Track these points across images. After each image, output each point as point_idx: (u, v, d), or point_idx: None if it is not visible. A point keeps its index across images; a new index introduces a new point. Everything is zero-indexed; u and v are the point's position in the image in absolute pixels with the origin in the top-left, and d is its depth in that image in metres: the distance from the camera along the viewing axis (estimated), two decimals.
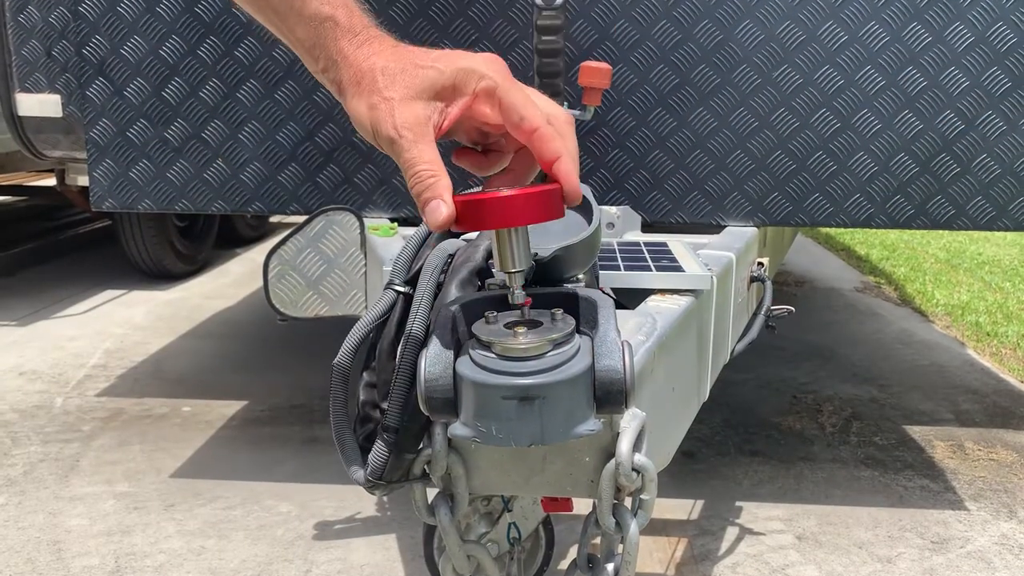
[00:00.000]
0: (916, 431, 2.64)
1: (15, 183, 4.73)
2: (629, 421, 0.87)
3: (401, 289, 0.97)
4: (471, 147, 0.78)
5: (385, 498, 2.15)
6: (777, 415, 2.74)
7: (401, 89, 0.68)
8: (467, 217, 0.65)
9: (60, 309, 3.89)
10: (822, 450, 2.49)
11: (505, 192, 0.65)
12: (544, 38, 1.32)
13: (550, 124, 0.70)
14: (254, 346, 3.43)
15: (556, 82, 1.39)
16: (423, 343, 0.83)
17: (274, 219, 5.81)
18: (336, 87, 0.74)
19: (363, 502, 2.13)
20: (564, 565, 1.78)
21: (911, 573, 1.87)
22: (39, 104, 2.40)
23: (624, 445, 0.84)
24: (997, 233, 6.36)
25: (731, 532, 2.03)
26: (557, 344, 0.68)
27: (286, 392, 2.86)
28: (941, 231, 6.35)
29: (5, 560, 1.87)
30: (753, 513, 2.12)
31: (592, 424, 0.67)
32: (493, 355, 0.67)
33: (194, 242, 4.62)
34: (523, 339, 0.66)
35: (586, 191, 0.89)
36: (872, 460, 2.42)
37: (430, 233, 1.04)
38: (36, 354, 3.20)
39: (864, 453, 2.47)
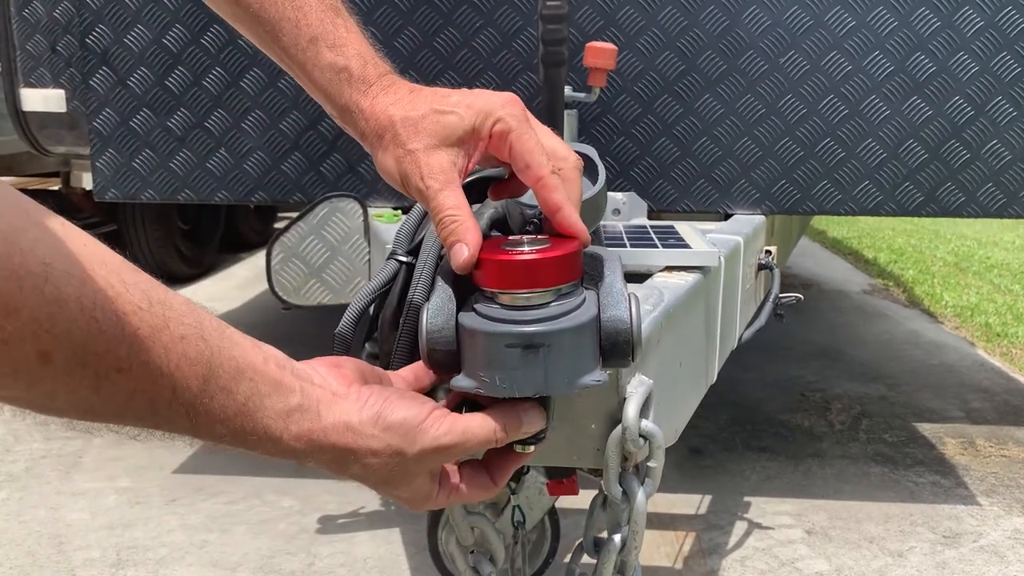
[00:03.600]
0: (926, 428, 2.61)
1: (20, 187, 4.75)
2: (636, 387, 0.85)
3: (403, 259, 0.95)
4: (500, 177, 0.79)
5: None
6: (785, 412, 2.71)
7: (424, 139, 0.69)
8: (490, 274, 0.66)
9: None
10: (831, 447, 2.46)
11: (528, 256, 0.65)
12: (549, 27, 1.30)
13: (556, 172, 0.70)
14: None
15: (560, 71, 1.37)
16: None
17: (279, 225, 5.81)
18: (358, 136, 0.75)
19: (366, 497, 2.11)
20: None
21: (923, 567, 1.84)
22: (43, 99, 2.39)
23: (631, 410, 0.82)
24: (1006, 237, 6.33)
25: (739, 526, 2.01)
26: (561, 295, 0.66)
27: None
28: (949, 237, 6.33)
29: (6, 553, 1.85)
30: (761, 508, 2.09)
31: (597, 375, 0.65)
32: (497, 305, 0.65)
33: (198, 245, 4.61)
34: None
35: (591, 153, 0.87)
36: (882, 456, 2.39)
37: None
38: None
39: (874, 450, 2.44)
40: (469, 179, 0.94)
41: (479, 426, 0.65)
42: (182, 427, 0.53)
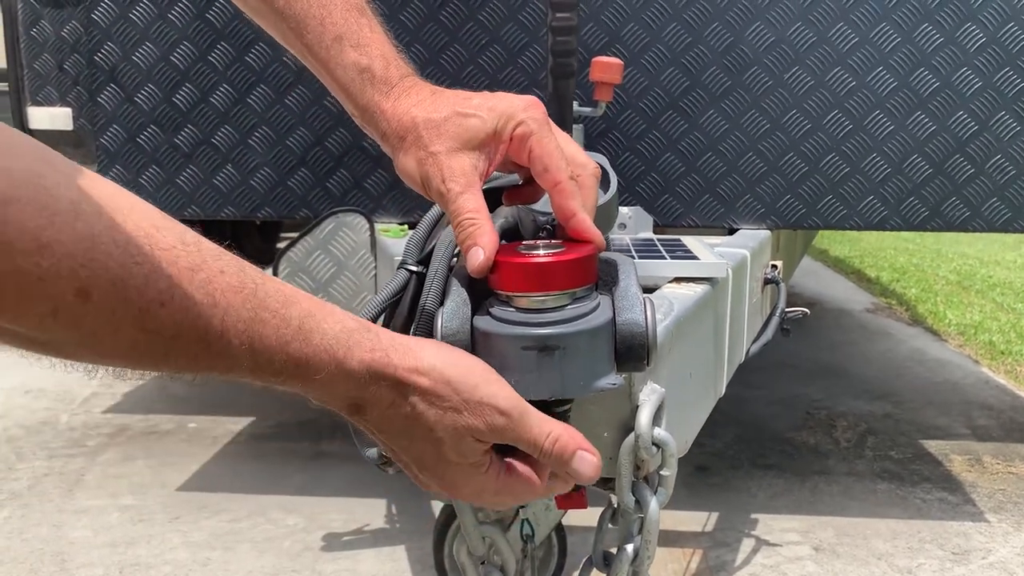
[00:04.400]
0: (932, 445, 2.60)
1: None
2: (648, 395, 0.85)
3: (414, 268, 0.95)
4: (514, 184, 0.80)
5: (394, 510, 2.12)
6: (791, 430, 2.70)
7: (447, 141, 0.70)
8: (505, 277, 0.66)
9: None
10: (837, 464, 2.44)
11: (543, 259, 0.65)
12: (558, 39, 1.31)
13: (574, 177, 0.70)
14: None
15: (569, 83, 1.38)
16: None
17: (282, 245, 5.82)
18: (379, 137, 0.75)
19: (371, 514, 2.10)
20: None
21: None
22: (50, 117, 2.40)
23: (644, 417, 0.82)
24: (1008, 256, 6.34)
25: (747, 544, 1.99)
26: (577, 298, 0.66)
27: (293, 409, 2.83)
28: (951, 256, 6.33)
29: (8, 571, 1.84)
30: (769, 525, 2.08)
31: (613, 379, 0.65)
32: (512, 308, 0.65)
33: None
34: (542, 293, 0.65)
35: (603, 161, 0.87)
36: (889, 473, 2.38)
37: (443, 214, 1.02)
38: (42, 372, 3.19)
39: (880, 467, 2.43)
40: (484, 187, 0.94)
41: (537, 419, 0.63)
42: (239, 362, 0.51)
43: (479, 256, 0.67)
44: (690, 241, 1.40)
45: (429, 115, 0.70)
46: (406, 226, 1.76)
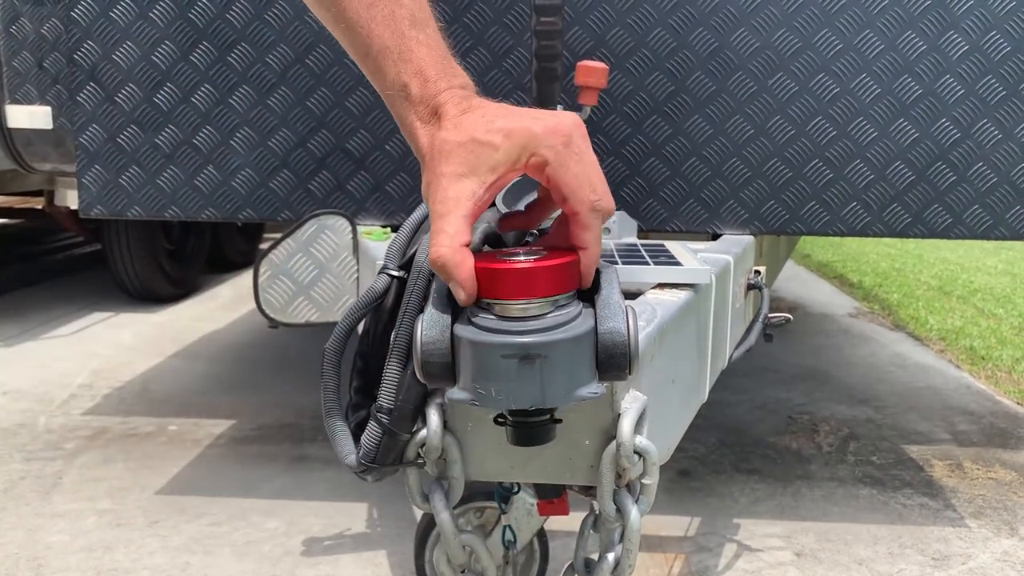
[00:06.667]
0: (914, 450, 2.61)
1: (3, 206, 4.70)
2: (630, 403, 0.84)
3: (395, 273, 0.94)
4: (513, 212, 0.83)
5: (375, 515, 2.11)
6: (773, 435, 2.71)
7: (454, 165, 0.70)
8: (487, 284, 0.66)
9: (47, 330, 3.84)
10: (819, 468, 2.45)
11: (524, 264, 0.64)
12: (543, 43, 1.31)
13: (593, 210, 0.71)
14: (243, 367, 3.38)
15: (554, 87, 1.38)
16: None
17: (264, 247, 5.78)
18: (414, 150, 0.77)
19: (352, 519, 2.08)
20: None
21: None
22: (29, 116, 2.38)
23: (626, 426, 0.82)
24: (988, 262, 6.39)
25: (729, 549, 1.99)
26: (559, 306, 0.65)
27: (275, 412, 2.82)
28: (932, 261, 6.38)
29: None
30: (751, 530, 2.08)
31: (594, 387, 0.65)
32: (492, 316, 0.65)
33: (183, 266, 4.58)
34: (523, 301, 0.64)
35: None
36: (870, 478, 2.39)
37: (425, 219, 1.02)
38: (21, 374, 3.15)
39: (862, 472, 2.44)
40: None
41: None
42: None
43: (459, 294, 0.67)
44: (674, 246, 1.40)
45: (447, 136, 0.71)
46: (389, 229, 1.75)
